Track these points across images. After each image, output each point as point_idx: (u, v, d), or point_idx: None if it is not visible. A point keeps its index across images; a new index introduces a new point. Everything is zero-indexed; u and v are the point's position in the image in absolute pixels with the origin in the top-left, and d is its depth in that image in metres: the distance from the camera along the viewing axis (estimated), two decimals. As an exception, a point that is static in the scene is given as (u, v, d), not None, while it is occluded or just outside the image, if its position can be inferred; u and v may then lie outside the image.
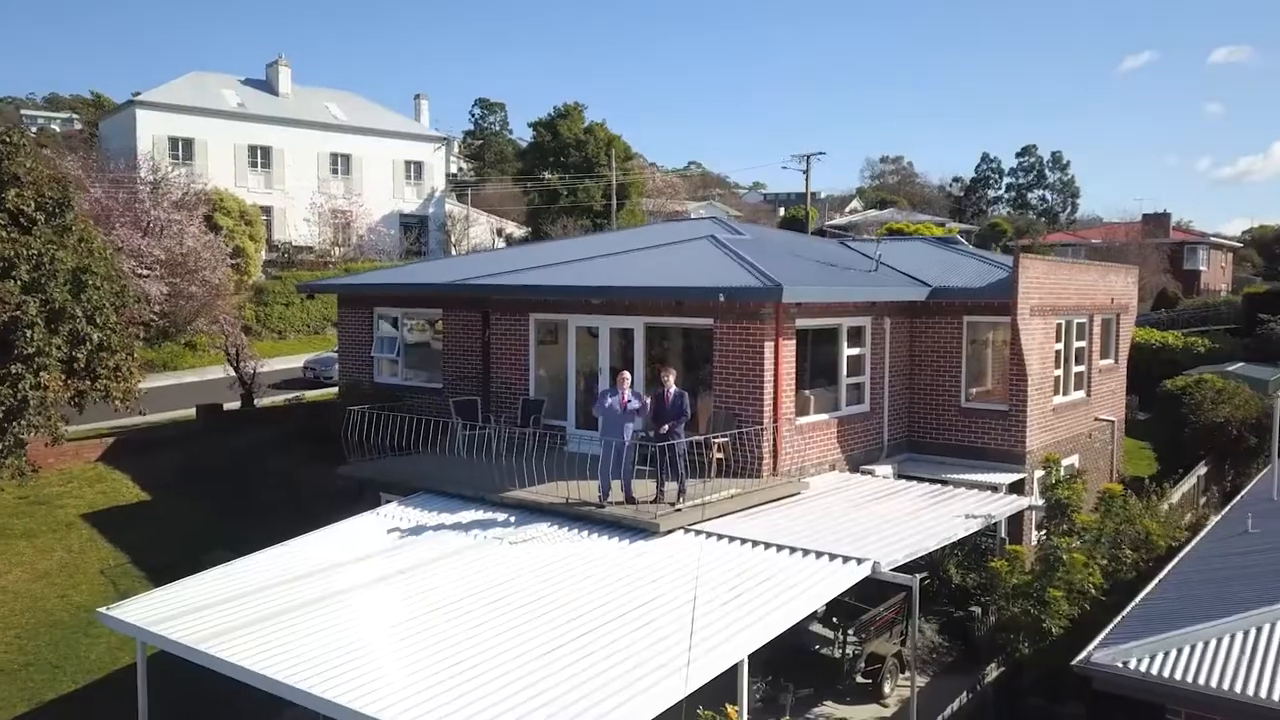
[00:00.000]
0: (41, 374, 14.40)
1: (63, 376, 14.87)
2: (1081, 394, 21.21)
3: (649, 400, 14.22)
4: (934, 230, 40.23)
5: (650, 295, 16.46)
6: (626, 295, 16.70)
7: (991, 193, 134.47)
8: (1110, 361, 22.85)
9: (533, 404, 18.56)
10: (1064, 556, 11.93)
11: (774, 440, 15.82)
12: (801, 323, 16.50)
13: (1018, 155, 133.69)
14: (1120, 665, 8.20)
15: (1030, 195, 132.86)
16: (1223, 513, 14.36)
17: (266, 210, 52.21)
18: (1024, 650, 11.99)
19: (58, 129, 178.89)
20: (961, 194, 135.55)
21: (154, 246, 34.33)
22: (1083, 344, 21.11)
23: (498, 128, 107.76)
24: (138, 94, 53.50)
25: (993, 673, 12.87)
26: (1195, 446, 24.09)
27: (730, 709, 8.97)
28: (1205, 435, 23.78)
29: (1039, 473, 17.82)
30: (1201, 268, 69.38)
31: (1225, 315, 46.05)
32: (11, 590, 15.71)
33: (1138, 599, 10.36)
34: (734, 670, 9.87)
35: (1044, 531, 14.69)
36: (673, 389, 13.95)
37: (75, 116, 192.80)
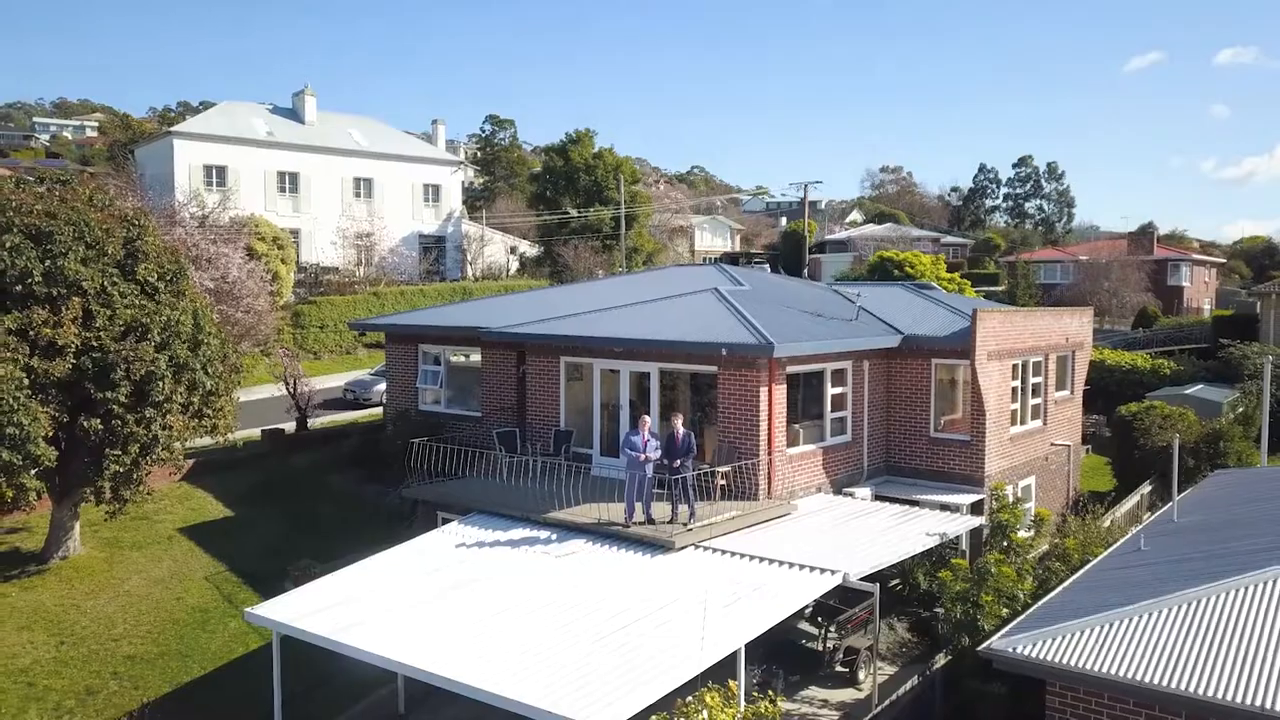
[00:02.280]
0: (168, 416, 17.58)
1: (182, 417, 18.06)
2: (1038, 423, 24.31)
3: (663, 440, 17.35)
4: (923, 260, 43.31)
5: (664, 347, 19.62)
6: (644, 346, 19.86)
7: (989, 202, 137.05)
8: (1066, 393, 25.95)
9: (563, 434, 21.70)
10: (992, 570, 15.09)
11: (768, 469, 18.97)
12: (792, 369, 19.66)
13: (1014, 166, 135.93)
14: (1010, 650, 11.30)
15: (1027, 205, 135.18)
16: (1131, 533, 17.43)
17: (294, 233, 55.32)
18: (964, 643, 15.10)
19: (70, 137, 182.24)
20: (960, 203, 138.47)
21: (204, 278, 37.48)
22: (1039, 380, 24.22)
23: (507, 143, 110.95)
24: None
25: (941, 661, 15.98)
26: (1144, 466, 27.21)
27: (731, 684, 12.13)
28: (1152, 457, 26.90)
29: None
30: (1184, 284, 72.35)
31: (1197, 335, 49.11)
32: (135, 594, 18.88)
33: (1040, 602, 13.50)
34: (734, 657, 13.03)
35: (989, 546, 17.84)
36: (681, 431, 17.10)
37: (87, 124, 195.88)
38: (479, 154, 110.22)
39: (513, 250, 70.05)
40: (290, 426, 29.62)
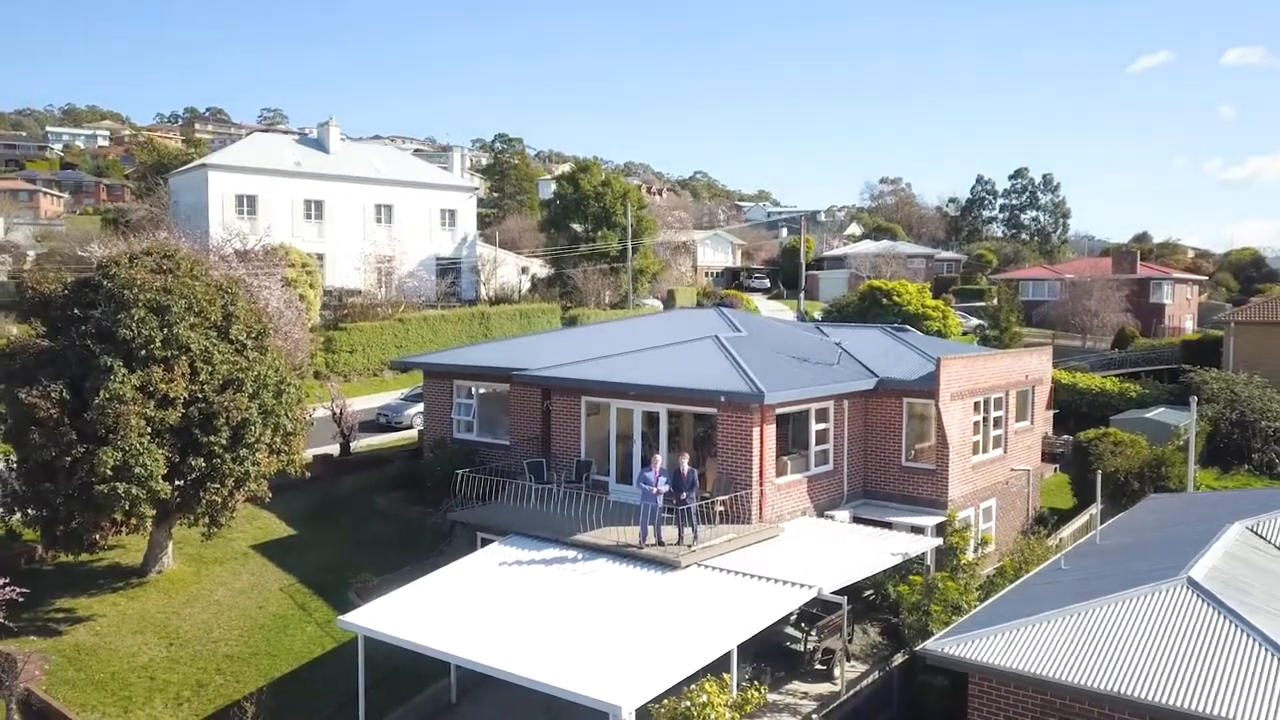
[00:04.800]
0: (257, 454, 21.04)
1: (268, 455, 21.51)
2: (999, 451, 27.66)
3: (671, 475, 20.71)
4: (909, 289, 46.73)
5: (671, 392, 23.02)
6: (654, 391, 23.26)
7: (986, 213, 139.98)
8: (1026, 423, 29.31)
9: (584, 464, 25.08)
10: (939, 585, 18.47)
11: (760, 497, 22.36)
12: (781, 410, 23.05)
13: (1010, 177, 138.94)
14: (939, 650, 14.65)
15: (1023, 216, 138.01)
16: (1061, 553, 20.75)
17: (319, 257, 58.75)
18: (918, 644, 18.45)
19: (83, 146, 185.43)
20: (957, 214, 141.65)
21: (247, 309, 40.92)
22: (1000, 413, 27.57)
23: (516, 161, 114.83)
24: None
25: (899, 660, 19.36)
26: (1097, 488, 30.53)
27: (725, 676, 15.55)
28: (1104, 480, 30.21)
29: (960, 513, 24.48)
30: (1166, 301, 75.57)
31: (1168, 357, 52.32)
32: (224, 603, 22.31)
33: (973, 611, 16.87)
34: (728, 655, 16.43)
35: (944, 565, 21.23)
36: (686, 468, 20.49)
37: (98, 133, 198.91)
38: (491, 163, 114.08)
39: (524, 270, 73.57)
40: (335, 450, 33.02)
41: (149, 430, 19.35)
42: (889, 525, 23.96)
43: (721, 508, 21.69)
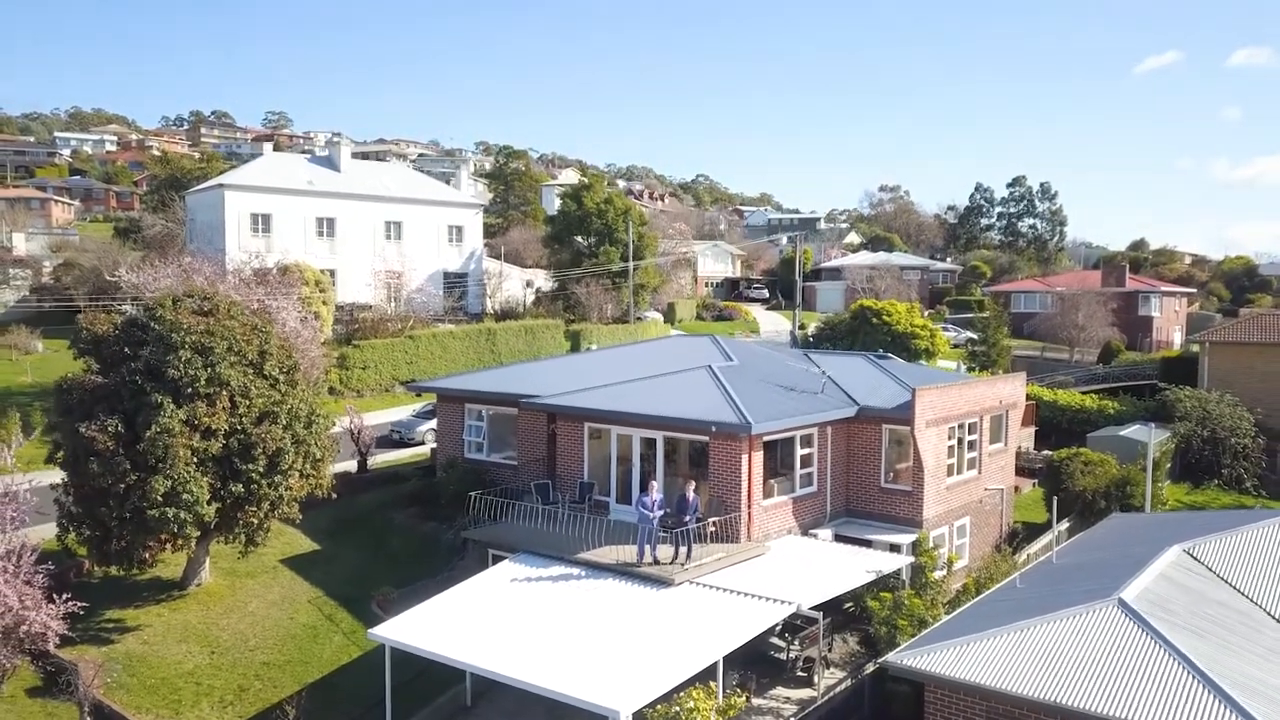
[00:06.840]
0: (290, 480, 23.12)
1: (300, 479, 23.60)
2: (974, 472, 29.68)
3: (674, 500, 22.71)
4: (899, 308, 48.76)
5: (666, 422, 25.09)
6: (650, 420, 25.32)
7: (984, 221, 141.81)
8: (1000, 445, 31.33)
9: (586, 486, 27.14)
10: (905, 601, 20.52)
11: (748, 518, 24.40)
12: (768, 438, 25.10)
13: (1008, 185, 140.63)
14: (899, 661, 16.70)
15: (1020, 224, 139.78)
16: (1018, 572, 22.78)
17: (331, 273, 60.78)
18: (886, 654, 20.50)
19: (90, 151, 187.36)
20: (955, 222, 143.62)
21: (265, 330, 42.99)
22: (974, 437, 29.60)
23: (522, 166, 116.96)
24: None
25: (870, 668, 21.39)
26: (1070, 504, 32.58)
27: (712, 684, 17.62)
28: (1074, 497, 32.30)
29: (935, 531, 26.55)
30: (1154, 314, 77.58)
31: (1149, 373, 54.30)
32: (258, 614, 24.39)
33: (933, 626, 18.91)
34: (715, 665, 18.46)
35: (913, 583, 23.27)
36: (691, 496, 22.54)
37: (105, 138, 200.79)
38: (496, 170, 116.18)
39: (529, 284, 75.64)
40: (352, 466, 35.09)
41: (194, 460, 21.43)
42: (869, 543, 25.99)
43: (713, 528, 23.74)
